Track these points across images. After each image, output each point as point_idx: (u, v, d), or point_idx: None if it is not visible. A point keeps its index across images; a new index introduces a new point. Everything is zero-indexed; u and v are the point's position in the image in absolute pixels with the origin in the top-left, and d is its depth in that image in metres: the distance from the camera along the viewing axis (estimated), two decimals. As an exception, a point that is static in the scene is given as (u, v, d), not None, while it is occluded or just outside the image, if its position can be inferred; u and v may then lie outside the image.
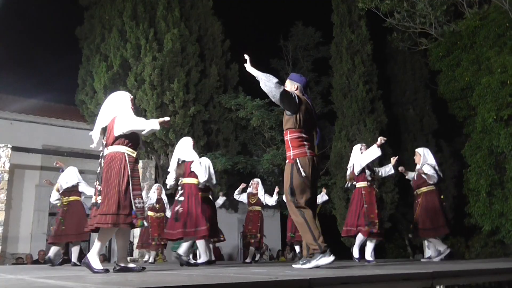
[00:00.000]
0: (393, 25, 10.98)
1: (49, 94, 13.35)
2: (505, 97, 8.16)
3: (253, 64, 3.87)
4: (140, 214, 3.74)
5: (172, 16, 11.39)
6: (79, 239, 6.95)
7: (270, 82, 3.64)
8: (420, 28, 10.69)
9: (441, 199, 6.45)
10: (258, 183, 8.18)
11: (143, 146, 4.17)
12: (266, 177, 12.27)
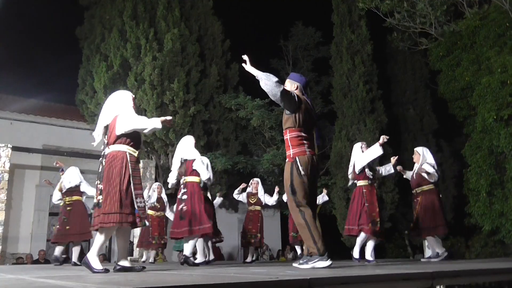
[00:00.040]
0: (393, 25, 10.98)
1: (49, 94, 13.37)
2: (505, 97, 8.16)
3: (253, 64, 3.87)
4: (142, 214, 3.74)
5: (172, 16, 11.39)
6: (82, 239, 6.99)
7: (270, 81, 3.65)
8: (420, 28, 10.69)
9: (440, 198, 6.47)
10: (258, 183, 8.18)
11: (143, 146, 4.16)
12: (266, 177, 12.27)
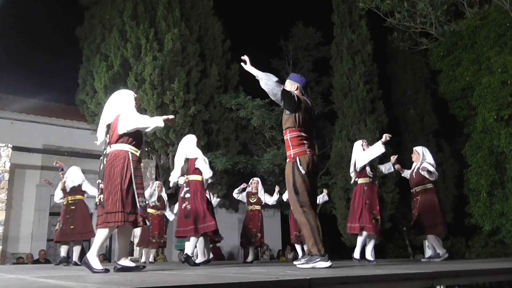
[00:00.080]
0: (394, 25, 10.99)
1: (50, 94, 13.38)
2: (506, 97, 8.16)
3: (253, 64, 3.87)
4: (144, 213, 3.74)
5: (173, 16, 11.39)
6: (85, 238, 7.00)
7: (271, 81, 3.66)
8: (421, 28, 10.69)
9: (439, 197, 6.49)
10: (258, 182, 8.17)
11: (144, 146, 4.16)
12: (267, 177, 12.27)
